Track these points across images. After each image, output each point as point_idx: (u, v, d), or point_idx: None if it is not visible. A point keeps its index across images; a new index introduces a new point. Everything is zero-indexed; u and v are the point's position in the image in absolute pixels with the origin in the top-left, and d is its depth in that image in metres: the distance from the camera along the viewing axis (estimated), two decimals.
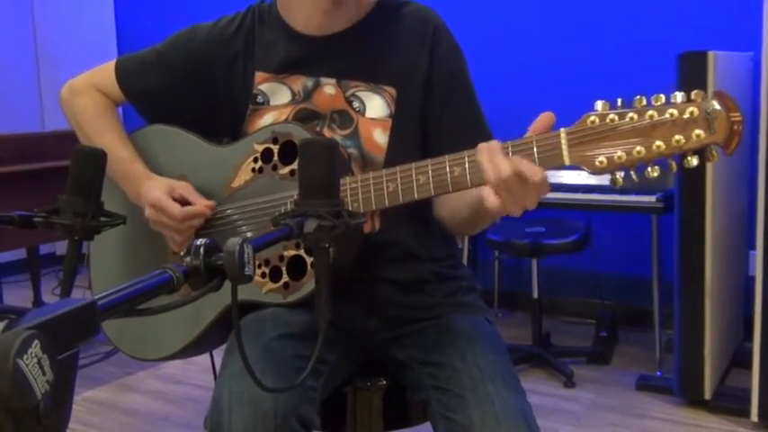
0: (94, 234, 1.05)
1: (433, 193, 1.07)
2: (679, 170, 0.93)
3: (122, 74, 1.40)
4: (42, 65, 4.69)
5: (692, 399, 2.51)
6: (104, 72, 1.41)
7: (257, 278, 1.23)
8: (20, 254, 3.64)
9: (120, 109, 1.46)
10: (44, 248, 3.90)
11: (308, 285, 1.20)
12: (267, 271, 1.24)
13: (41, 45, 4.68)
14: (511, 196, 0.96)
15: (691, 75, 2.27)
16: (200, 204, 1.29)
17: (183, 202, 1.29)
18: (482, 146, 0.99)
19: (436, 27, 1.29)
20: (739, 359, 2.72)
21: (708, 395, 2.46)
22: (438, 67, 1.27)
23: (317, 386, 1.18)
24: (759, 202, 2.24)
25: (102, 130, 1.38)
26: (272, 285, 1.23)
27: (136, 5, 4.71)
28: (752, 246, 2.40)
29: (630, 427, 2.43)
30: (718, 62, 2.27)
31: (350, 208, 1.11)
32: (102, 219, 1.06)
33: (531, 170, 0.95)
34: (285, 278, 1.22)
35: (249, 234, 1.27)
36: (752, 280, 2.31)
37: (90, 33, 4.65)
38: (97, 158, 1.04)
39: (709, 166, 2.34)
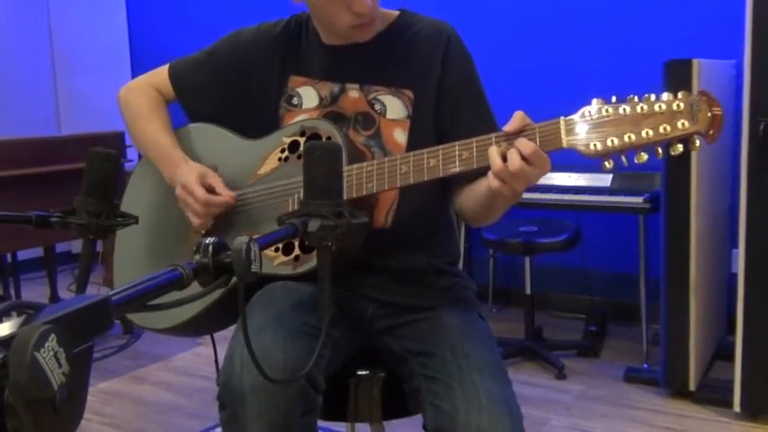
0: (108, 233, 1.08)
1: (441, 174, 1.16)
2: (665, 155, 1.04)
3: (174, 72, 1.51)
4: (59, 71, 4.74)
5: (678, 390, 2.55)
6: (159, 73, 1.53)
7: (270, 252, 1.28)
8: (37, 252, 3.66)
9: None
10: (60, 247, 3.95)
11: (316, 257, 1.27)
12: (280, 245, 1.29)
13: (58, 52, 4.73)
14: (515, 176, 1.08)
15: (676, 81, 2.32)
16: (225, 195, 1.35)
17: (211, 190, 1.37)
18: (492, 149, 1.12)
19: (449, 36, 1.37)
20: (722, 352, 2.76)
21: (692, 386, 2.51)
22: (449, 72, 1.35)
23: (324, 354, 1.23)
24: (741, 203, 2.29)
25: (150, 120, 1.48)
26: (283, 258, 1.29)
27: (148, 13, 4.77)
28: (734, 244, 2.45)
29: (618, 417, 2.47)
30: (702, 69, 2.33)
31: (364, 190, 1.21)
32: (116, 219, 1.09)
33: (526, 145, 1.08)
34: (297, 252, 1.28)
35: (273, 210, 1.33)
36: (734, 277, 2.36)
37: (104, 40, 4.72)
38: (111, 161, 1.07)
39: (693, 168, 2.39)
